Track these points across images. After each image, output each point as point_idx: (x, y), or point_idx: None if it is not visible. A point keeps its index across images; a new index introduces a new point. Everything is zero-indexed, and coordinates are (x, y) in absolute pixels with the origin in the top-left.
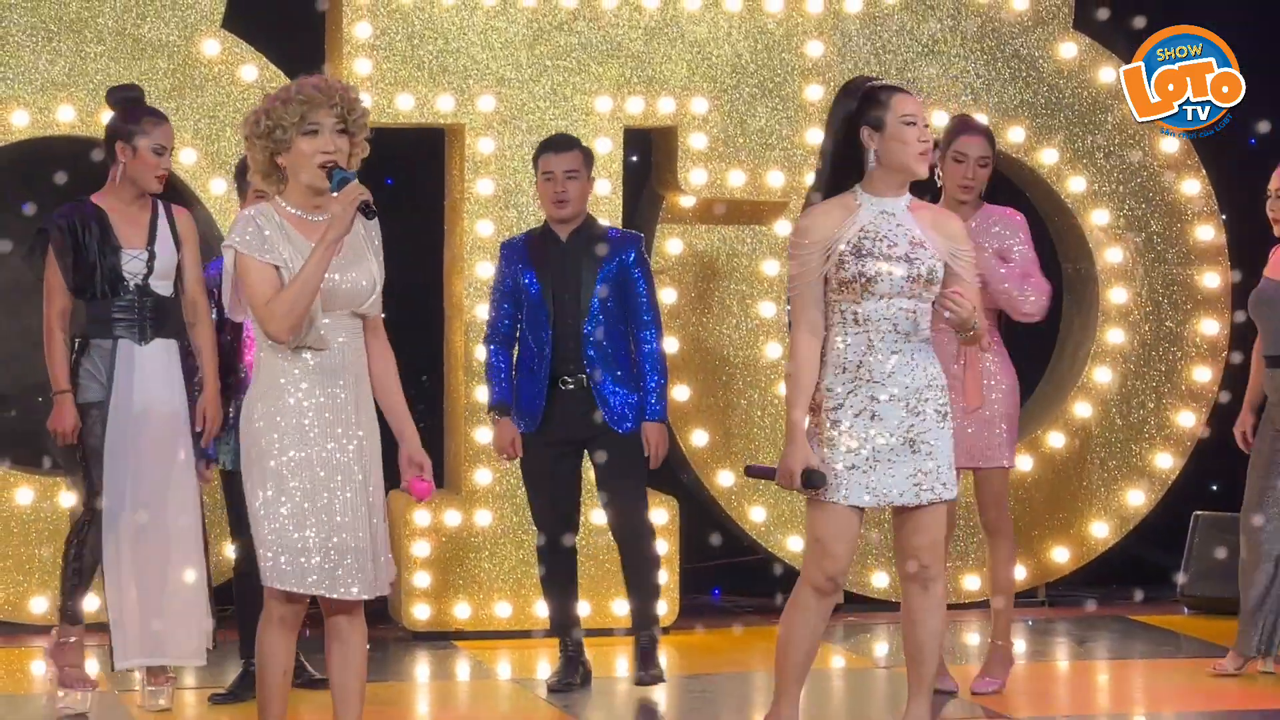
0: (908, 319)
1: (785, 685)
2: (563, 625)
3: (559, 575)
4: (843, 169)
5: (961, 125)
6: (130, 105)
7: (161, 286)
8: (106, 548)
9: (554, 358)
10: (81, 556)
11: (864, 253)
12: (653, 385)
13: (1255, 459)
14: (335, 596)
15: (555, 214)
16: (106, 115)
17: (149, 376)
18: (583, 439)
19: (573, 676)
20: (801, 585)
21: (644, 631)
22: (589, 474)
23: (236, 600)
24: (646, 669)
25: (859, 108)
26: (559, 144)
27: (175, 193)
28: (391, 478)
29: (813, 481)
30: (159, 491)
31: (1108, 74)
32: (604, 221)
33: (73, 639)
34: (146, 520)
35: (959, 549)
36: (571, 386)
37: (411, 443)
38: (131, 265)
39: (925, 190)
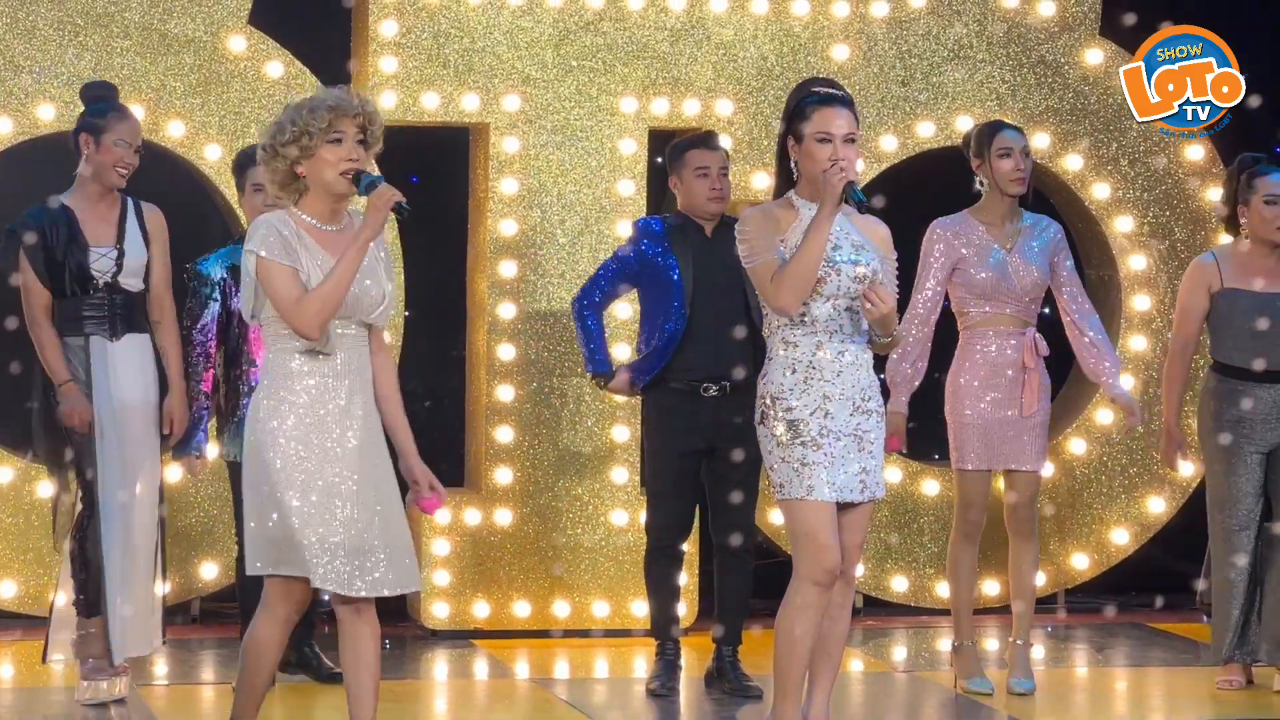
0: (852, 320)
1: (790, 686)
2: (664, 626)
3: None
4: (782, 168)
5: (997, 123)
6: (98, 101)
7: (131, 283)
8: (110, 542)
9: (700, 358)
10: (85, 549)
11: None
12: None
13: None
14: (341, 593)
15: (711, 210)
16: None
17: (122, 373)
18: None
19: (674, 680)
20: (801, 583)
21: (733, 646)
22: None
23: (240, 594)
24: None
25: (791, 113)
26: (712, 140)
27: (199, 188)
28: (405, 484)
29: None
30: (142, 485)
31: None
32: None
33: (93, 630)
34: (135, 515)
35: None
36: (715, 393)
37: (412, 457)
38: (100, 263)
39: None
